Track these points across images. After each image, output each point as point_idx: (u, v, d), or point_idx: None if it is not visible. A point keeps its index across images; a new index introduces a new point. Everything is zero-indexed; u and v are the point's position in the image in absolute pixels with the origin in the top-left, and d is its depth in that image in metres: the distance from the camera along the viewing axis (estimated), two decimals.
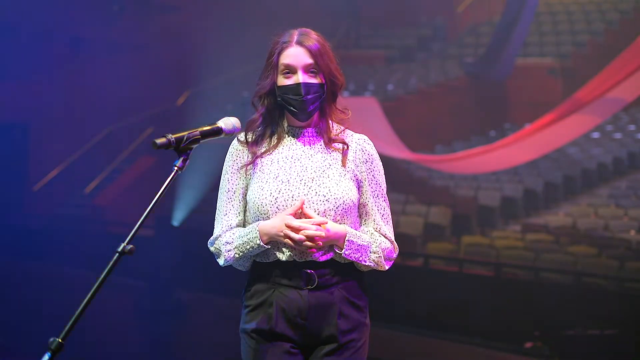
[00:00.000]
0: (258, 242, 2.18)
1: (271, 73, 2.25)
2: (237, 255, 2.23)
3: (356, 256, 2.21)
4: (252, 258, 2.27)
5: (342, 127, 2.33)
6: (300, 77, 2.22)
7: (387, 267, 2.28)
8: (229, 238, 2.25)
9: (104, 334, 6.41)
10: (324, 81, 2.24)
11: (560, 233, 9.01)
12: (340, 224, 2.21)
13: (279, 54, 2.24)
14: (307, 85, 2.21)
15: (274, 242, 2.21)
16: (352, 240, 2.19)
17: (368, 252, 2.23)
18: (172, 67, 12.54)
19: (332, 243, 2.19)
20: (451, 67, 14.00)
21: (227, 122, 2.24)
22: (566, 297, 6.70)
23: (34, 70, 11.62)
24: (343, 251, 2.19)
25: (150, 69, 12.56)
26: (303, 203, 2.17)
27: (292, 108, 2.24)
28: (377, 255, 2.24)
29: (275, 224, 2.16)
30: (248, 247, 2.20)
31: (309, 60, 2.22)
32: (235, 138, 2.32)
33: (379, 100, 11.28)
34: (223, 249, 2.25)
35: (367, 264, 2.24)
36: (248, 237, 2.20)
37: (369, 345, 2.30)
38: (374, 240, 2.25)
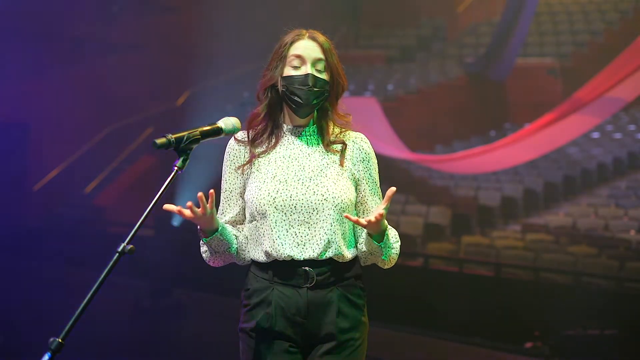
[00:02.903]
0: (200, 234, 2.22)
1: (279, 64, 2.25)
2: (210, 253, 2.28)
3: (385, 250, 2.20)
4: (238, 257, 2.29)
5: (343, 130, 2.33)
6: (310, 69, 2.22)
7: (391, 265, 2.29)
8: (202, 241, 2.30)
9: (104, 334, 6.41)
10: (330, 79, 2.25)
11: (560, 233, 9.01)
12: (339, 223, 2.21)
13: (290, 45, 2.24)
14: (315, 77, 2.22)
15: (270, 241, 2.20)
16: (388, 235, 2.19)
17: (391, 247, 2.23)
18: (172, 67, 12.54)
19: (377, 232, 2.17)
20: (451, 67, 14.00)
21: (227, 122, 2.24)
22: (566, 297, 6.69)
23: (34, 70, 11.62)
24: (381, 243, 2.18)
25: (150, 69, 12.57)
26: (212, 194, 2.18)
27: (296, 98, 2.22)
28: (395, 252, 2.24)
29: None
30: (205, 242, 2.24)
31: (320, 55, 2.23)
32: (233, 137, 2.32)
33: (379, 100, 11.29)
34: (201, 250, 2.32)
35: (384, 258, 2.23)
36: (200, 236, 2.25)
37: (368, 345, 2.30)
38: (393, 235, 2.25)
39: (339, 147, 2.29)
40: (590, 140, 12.15)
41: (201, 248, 2.31)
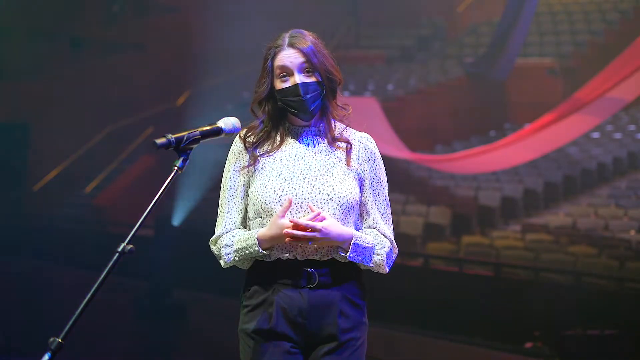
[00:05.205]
0: (257, 248, 2.19)
1: (267, 79, 2.26)
2: (236, 259, 2.24)
3: (359, 258, 2.21)
4: (252, 259, 2.27)
5: (344, 126, 2.33)
6: (297, 78, 2.22)
7: (387, 270, 2.28)
8: (229, 241, 2.26)
9: (104, 334, 6.41)
10: (320, 79, 2.24)
11: (560, 233, 9.01)
12: (343, 223, 2.21)
13: (273, 58, 2.25)
14: (304, 85, 2.21)
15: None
16: (358, 244, 2.19)
17: (372, 254, 2.23)
18: (172, 67, 12.55)
19: (337, 245, 2.19)
20: (451, 67, 14.00)
21: (227, 122, 2.24)
22: (566, 297, 6.70)
23: (34, 70, 11.63)
24: (348, 254, 2.19)
25: (150, 69, 12.57)
26: (290, 202, 2.17)
27: (293, 110, 2.24)
28: (380, 258, 2.24)
29: (274, 233, 2.15)
30: (247, 252, 2.21)
31: (303, 61, 2.22)
32: (237, 136, 2.32)
33: (379, 100, 11.28)
34: (223, 251, 2.26)
35: (369, 265, 2.24)
36: (247, 242, 2.21)
37: (368, 345, 2.30)
38: (378, 242, 2.25)
39: (344, 145, 2.29)
40: (590, 140, 12.14)
41: (226, 253, 2.25)
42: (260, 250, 2.18)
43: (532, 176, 11.00)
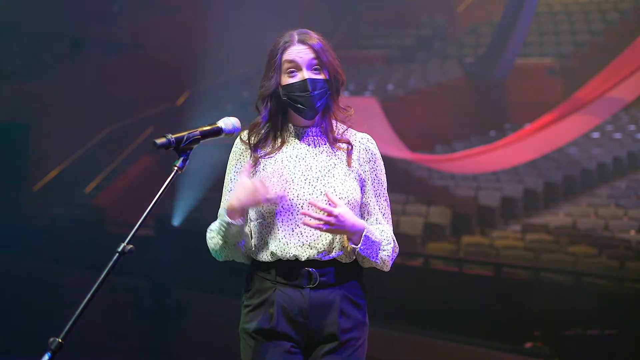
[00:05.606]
0: (225, 219, 2.15)
1: (274, 74, 2.25)
2: (219, 242, 2.21)
3: (368, 252, 2.20)
4: (245, 251, 2.25)
5: (345, 127, 2.33)
6: (306, 74, 2.22)
7: (389, 268, 2.28)
8: (213, 226, 2.24)
9: (104, 334, 6.40)
10: (328, 77, 2.24)
11: (560, 233, 9.01)
12: None
13: (282, 53, 2.24)
14: (313, 81, 2.21)
15: (275, 241, 2.20)
16: (368, 237, 2.18)
17: (379, 249, 2.22)
18: (172, 67, 12.54)
19: (349, 235, 2.18)
20: (451, 67, 14.01)
21: (227, 122, 2.24)
22: (566, 297, 6.70)
23: (34, 70, 11.63)
24: (359, 246, 2.17)
25: (150, 69, 12.57)
26: (250, 165, 2.19)
27: (299, 105, 2.23)
28: (386, 254, 2.24)
29: (237, 192, 2.13)
30: (222, 228, 2.18)
31: (313, 57, 2.23)
32: (239, 137, 2.32)
33: (379, 100, 11.28)
34: (208, 236, 2.25)
35: (375, 261, 2.23)
36: (220, 217, 2.19)
37: (368, 345, 2.30)
38: (384, 238, 2.24)
39: (345, 146, 2.29)
40: (590, 140, 12.15)
41: (210, 238, 2.24)
42: (228, 219, 2.14)
43: (532, 176, 11.01)
